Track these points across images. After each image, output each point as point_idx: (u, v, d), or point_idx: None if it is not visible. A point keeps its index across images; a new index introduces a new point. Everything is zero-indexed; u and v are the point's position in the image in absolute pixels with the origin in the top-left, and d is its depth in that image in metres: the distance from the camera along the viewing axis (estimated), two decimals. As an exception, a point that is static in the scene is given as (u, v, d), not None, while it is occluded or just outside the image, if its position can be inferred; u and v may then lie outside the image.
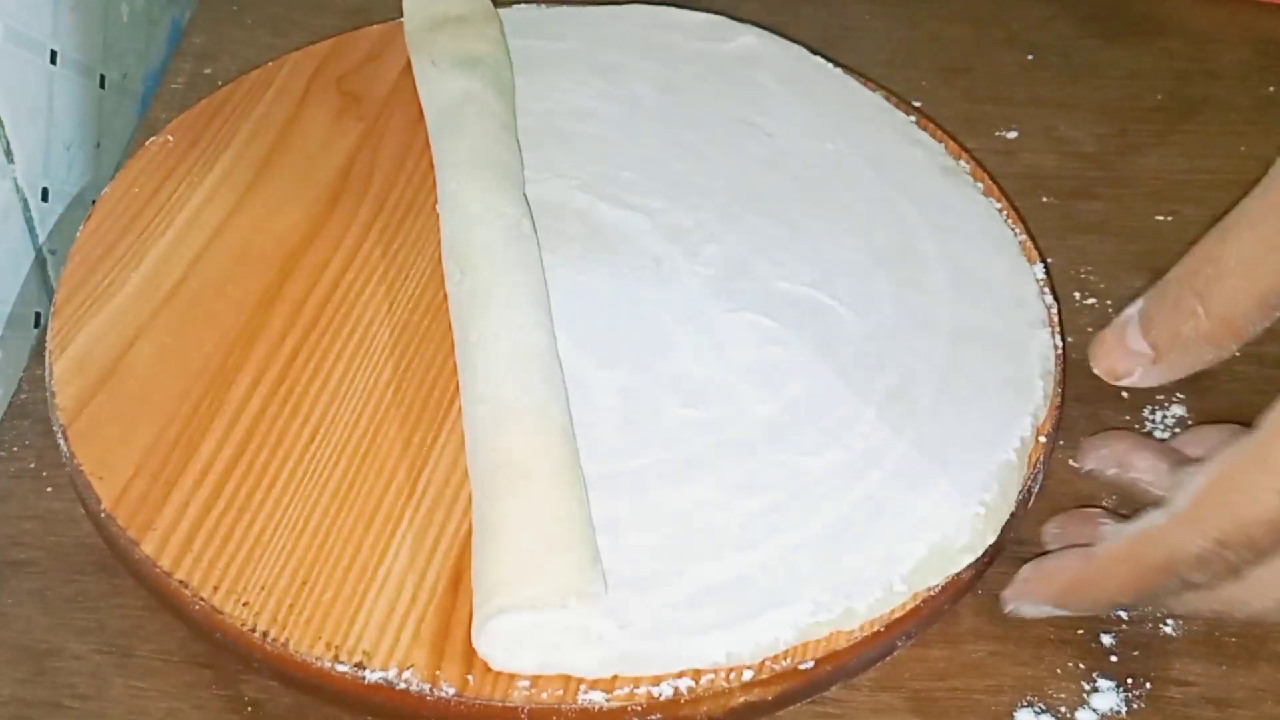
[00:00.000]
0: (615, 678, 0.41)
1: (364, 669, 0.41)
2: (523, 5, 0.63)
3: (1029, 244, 0.54)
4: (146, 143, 0.56)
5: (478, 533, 0.43)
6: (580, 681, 0.41)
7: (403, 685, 0.41)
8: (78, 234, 0.53)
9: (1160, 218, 0.58)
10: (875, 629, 0.43)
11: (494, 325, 0.47)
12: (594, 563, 0.42)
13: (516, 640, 0.41)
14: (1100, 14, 0.61)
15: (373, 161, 0.56)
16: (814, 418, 0.47)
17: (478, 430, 0.45)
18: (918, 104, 0.61)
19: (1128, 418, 0.51)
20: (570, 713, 0.41)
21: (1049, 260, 0.54)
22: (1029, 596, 0.45)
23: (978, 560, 0.45)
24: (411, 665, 0.41)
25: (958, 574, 0.44)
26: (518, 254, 0.50)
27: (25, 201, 0.55)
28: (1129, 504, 0.48)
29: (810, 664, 0.42)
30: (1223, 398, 0.52)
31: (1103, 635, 0.45)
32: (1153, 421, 0.51)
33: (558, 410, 0.45)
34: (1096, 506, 0.48)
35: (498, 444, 0.44)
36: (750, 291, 0.51)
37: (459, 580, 0.43)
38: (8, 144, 0.54)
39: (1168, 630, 0.45)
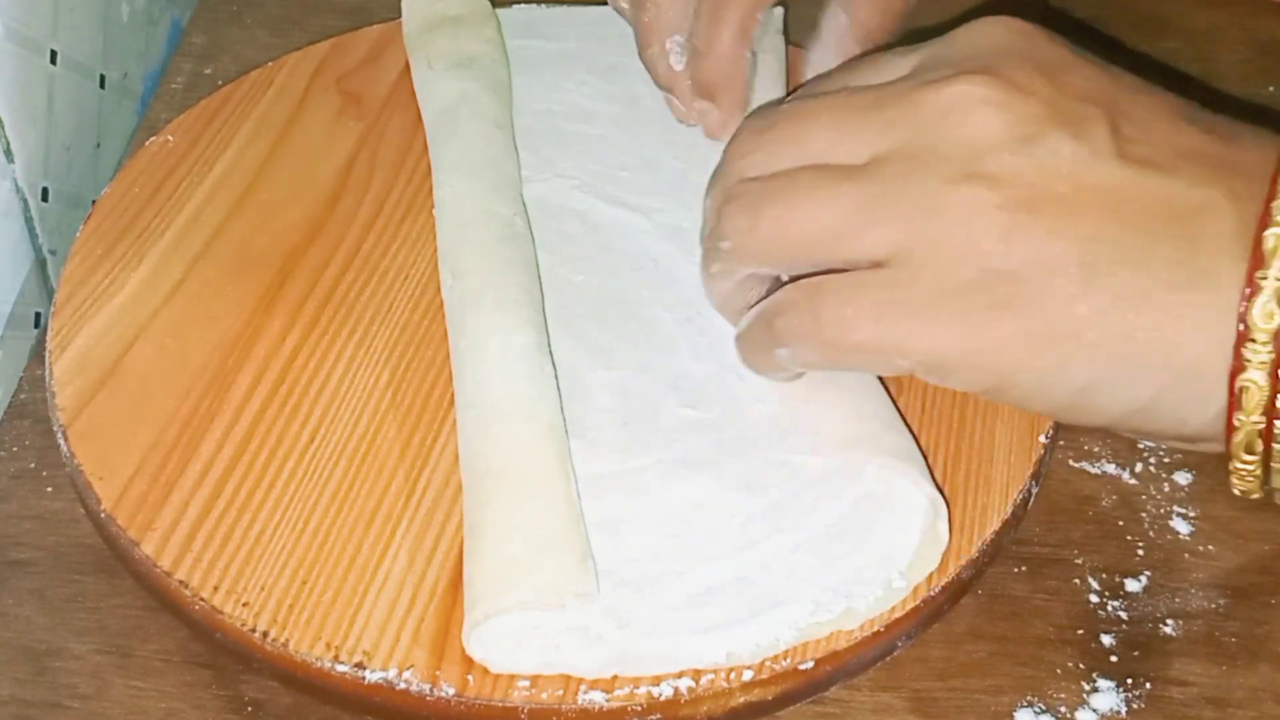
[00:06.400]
0: (615, 678, 0.41)
1: (364, 669, 0.41)
2: (523, 5, 0.62)
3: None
4: (146, 143, 0.56)
5: (467, 537, 0.43)
6: (580, 682, 0.41)
7: (403, 685, 0.41)
8: (78, 234, 0.53)
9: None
10: (875, 629, 0.43)
11: (482, 328, 0.47)
12: (581, 563, 0.42)
13: (515, 642, 0.41)
14: (1100, 14, 0.61)
15: (373, 161, 0.56)
16: (813, 417, 0.47)
17: (467, 434, 0.45)
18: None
19: (1127, 418, 0.51)
20: (570, 713, 0.41)
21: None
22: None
23: (977, 560, 0.45)
24: (411, 666, 0.41)
25: (957, 573, 0.44)
26: (509, 254, 0.50)
27: (25, 202, 0.55)
28: (1129, 504, 0.49)
29: (810, 664, 0.42)
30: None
31: (1103, 635, 0.45)
32: (1153, 421, 0.51)
33: (545, 410, 0.45)
34: None
35: (484, 448, 0.44)
36: (750, 291, 0.51)
37: (459, 581, 0.43)
38: (8, 144, 0.54)
39: (1168, 630, 0.45)
